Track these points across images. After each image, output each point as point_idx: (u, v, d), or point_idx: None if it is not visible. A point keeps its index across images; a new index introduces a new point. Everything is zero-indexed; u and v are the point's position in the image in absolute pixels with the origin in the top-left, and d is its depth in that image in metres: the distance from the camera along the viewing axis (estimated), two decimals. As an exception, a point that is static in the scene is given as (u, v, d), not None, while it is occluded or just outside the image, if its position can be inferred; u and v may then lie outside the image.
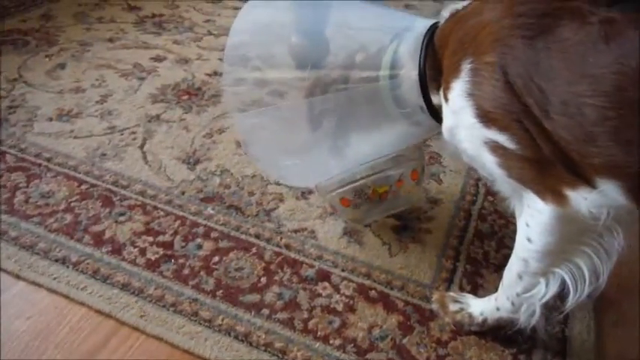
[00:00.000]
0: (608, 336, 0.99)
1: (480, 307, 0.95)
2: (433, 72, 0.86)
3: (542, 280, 0.82)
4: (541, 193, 0.74)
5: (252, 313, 0.97)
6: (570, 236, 0.77)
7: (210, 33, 2.01)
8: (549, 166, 0.72)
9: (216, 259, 1.08)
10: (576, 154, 0.70)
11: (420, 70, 0.86)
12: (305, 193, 1.27)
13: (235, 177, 1.30)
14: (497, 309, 0.91)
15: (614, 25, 0.67)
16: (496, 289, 1.01)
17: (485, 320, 0.94)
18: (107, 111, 1.50)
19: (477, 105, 0.76)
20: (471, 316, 0.95)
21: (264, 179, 1.30)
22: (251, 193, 1.26)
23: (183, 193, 1.24)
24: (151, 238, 1.11)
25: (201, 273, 1.04)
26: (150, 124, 1.47)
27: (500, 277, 1.05)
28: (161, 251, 1.08)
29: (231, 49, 1.15)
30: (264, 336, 0.93)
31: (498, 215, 1.24)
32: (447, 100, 0.82)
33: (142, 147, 1.38)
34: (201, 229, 1.15)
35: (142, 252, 1.08)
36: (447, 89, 0.82)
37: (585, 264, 0.78)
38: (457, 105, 0.79)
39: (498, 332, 0.95)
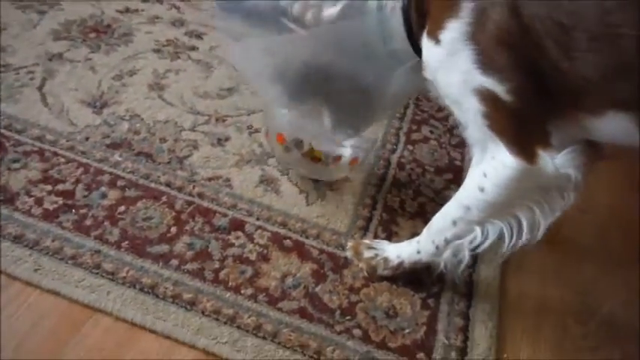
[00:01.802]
0: (511, 279, 1.03)
1: (397, 251, 0.95)
2: (418, 7, 0.81)
3: (478, 229, 0.83)
4: (513, 147, 0.74)
5: (160, 264, 0.93)
6: (525, 192, 0.78)
7: (123, -35, 1.83)
8: (531, 122, 0.72)
9: (122, 208, 1.01)
10: (595, 91, 0.68)
11: (404, 1, 0.81)
12: (221, 140, 1.21)
13: (146, 122, 1.22)
14: (418, 252, 0.92)
15: None
16: (411, 237, 1.03)
17: (401, 263, 0.94)
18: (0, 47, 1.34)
19: (480, 50, 0.71)
20: (386, 260, 0.95)
21: (177, 125, 1.23)
22: (163, 140, 1.18)
23: (87, 138, 1.15)
24: (49, 187, 1.02)
25: (105, 223, 0.98)
26: (51, 63, 1.33)
27: (414, 225, 1.08)
28: (60, 201, 1.00)
29: None
30: (171, 287, 0.89)
31: (417, 164, 1.24)
32: (436, 40, 0.76)
33: (40, 88, 1.25)
34: (106, 177, 1.07)
35: (39, 202, 0.99)
36: (438, 29, 0.75)
37: (526, 218, 0.80)
38: (451, 47, 0.74)
39: (410, 277, 0.97)
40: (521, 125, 0.74)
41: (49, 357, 0.78)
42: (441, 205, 1.12)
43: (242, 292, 0.91)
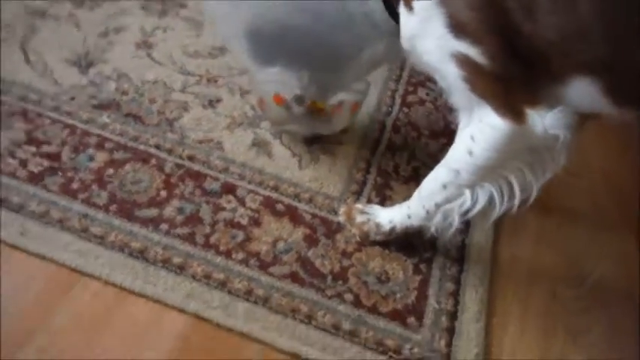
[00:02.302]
0: (504, 244, 1.03)
1: (389, 216, 0.95)
2: None
3: (468, 193, 0.82)
4: (500, 109, 0.72)
5: (150, 228, 0.91)
6: (514, 154, 0.77)
7: None
8: (514, 82, 0.71)
9: (111, 171, 0.99)
10: (558, 54, 0.67)
11: None
12: (213, 102, 1.17)
13: (134, 83, 1.18)
14: (409, 216, 0.91)
15: None
16: (404, 201, 1.02)
17: (393, 228, 0.94)
18: (-22, 1, 1.29)
19: (449, 14, 0.70)
20: (378, 225, 0.95)
21: (167, 85, 1.19)
22: (152, 101, 1.15)
23: (73, 99, 1.11)
24: (33, 149, 0.99)
25: (93, 187, 0.96)
26: (32, 18, 1.28)
27: (408, 189, 1.06)
28: (46, 163, 0.98)
29: None
30: (161, 251, 0.88)
31: (412, 127, 1.22)
32: (409, 8, 0.76)
33: (22, 45, 1.20)
34: (93, 139, 1.04)
35: (23, 163, 0.97)
36: None
37: (517, 180, 0.79)
38: (424, 14, 0.73)
39: (402, 242, 0.96)
40: (505, 86, 0.73)
41: (36, 321, 0.78)
42: (435, 169, 1.12)
43: (233, 256, 0.90)
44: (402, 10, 0.79)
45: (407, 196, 1.03)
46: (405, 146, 1.17)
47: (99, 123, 1.07)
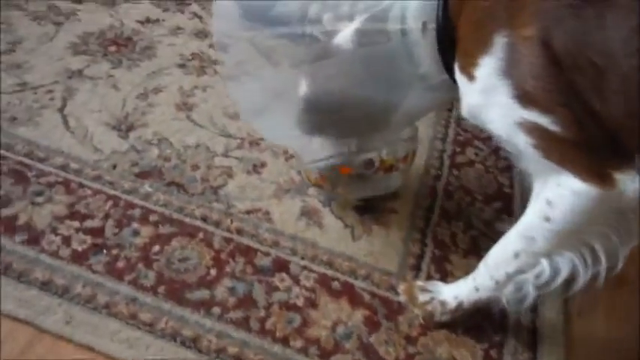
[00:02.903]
0: (576, 322, 0.96)
1: (454, 292, 0.88)
2: (447, 32, 0.76)
3: (545, 262, 0.76)
4: (583, 174, 0.67)
5: (201, 312, 0.85)
6: (599, 218, 0.71)
7: (140, -30, 1.74)
8: (594, 147, 0.66)
9: (157, 248, 0.93)
10: (626, 135, 0.63)
11: (439, 25, 0.76)
12: (257, 167, 1.13)
13: (176, 147, 1.14)
14: (477, 289, 0.85)
15: None
16: (466, 276, 0.96)
17: (460, 305, 0.87)
18: (16, 64, 1.26)
19: (515, 84, 0.66)
20: (443, 303, 0.88)
21: (209, 150, 1.15)
22: (195, 167, 1.10)
23: (114, 166, 1.07)
24: (76, 224, 0.94)
25: (140, 266, 0.90)
26: (70, 80, 1.25)
27: (469, 264, 1.00)
28: (89, 240, 0.92)
29: None
30: (215, 340, 0.82)
31: (464, 191, 1.17)
32: (470, 77, 0.72)
33: (61, 109, 1.17)
34: (137, 212, 0.99)
35: (66, 241, 0.91)
36: (470, 65, 0.71)
37: (602, 246, 0.73)
38: (487, 84, 0.69)
39: (470, 323, 0.89)
40: (586, 151, 0.67)
41: None
42: (494, 239, 1.06)
43: (291, 344, 0.83)
44: (459, 77, 0.75)
45: (469, 271, 0.97)
46: (460, 213, 1.11)
47: (141, 193, 1.02)
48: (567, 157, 0.68)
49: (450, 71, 0.79)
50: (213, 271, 0.91)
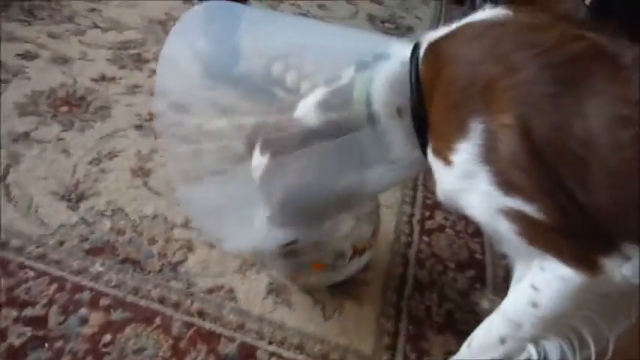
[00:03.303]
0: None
1: None
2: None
3: (532, 347, 0.72)
4: (569, 261, 0.64)
5: (158, 416, 0.76)
6: (585, 303, 0.67)
7: (95, 26, 1.68)
8: (579, 234, 0.63)
9: (108, 337, 0.84)
10: (611, 224, 0.61)
11: (415, 111, 0.73)
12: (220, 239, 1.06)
13: (131, 218, 1.06)
14: None
15: None
16: (444, 355, 0.91)
17: None
18: (-46, 127, 1.16)
19: (496, 171, 0.63)
20: None
21: (168, 220, 1.07)
22: (152, 241, 1.02)
23: (61, 243, 0.97)
24: (14, 313, 0.84)
25: (87, 361, 0.80)
26: (15, 145, 1.16)
27: (445, 340, 0.96)
28: (29, 331, 0.82)
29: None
30: None
31: (436, 259, 1.13)
32: (446, 161, 0.68)
33: (3, 177, 1.07)
34: (86, 295, 0.90)
35: (1, 334, 0.81)
36: (446, 149, 0.68)
37: (589, 330, 0.69)
38: (466, 170, 0.66)
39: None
40: (571, 238, 0.65)
41: None
42: (469, 312, 1.02)
43: None
44: (433, 160, 0.72)
45: (446, 350, 0.93)
46: (433, 284, 1.07)
47: (92, 273, 0.93)
48: (552, 243, 0.65)
49: (424, 151, 0.76)
50: (171, 364, 0.83)
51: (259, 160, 0.83)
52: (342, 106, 0.78)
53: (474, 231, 1.21)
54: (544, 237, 0.65)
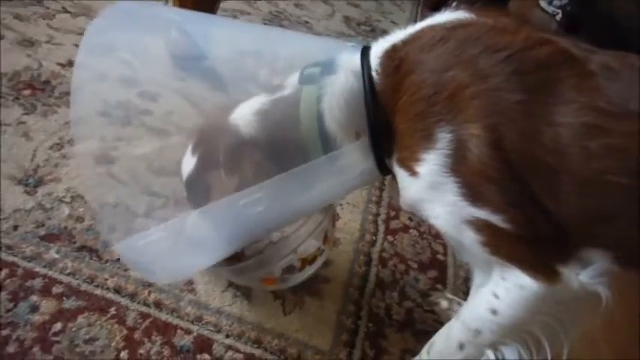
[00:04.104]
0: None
1: None
2: (381, 130, 0.71)
3: (491, 352, 0.72)
4: (530, 269, 0.65)
5: (107, 406, 0.74)
6: (544, 310, 0.68)
7: (65, 10, 1.64)
8: (541, 242, 0.64)
9: (59, 326, 0.82)
10: (580, 232, 0.62)
11: (372, 128, 0.71)
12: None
13: (91, 206, 1.03)
14: None
15: (615, 73, 0.59)
16: (401, 353, 0.91)
17: None
18: None
19: (463, 182, 0.63)
20: None
21: (129, 209, 1.05)
22: (112, 229, 1.00)
23: (15, 227, 0.94)
24: (-40, 297, 0.81)
25: (35, 349, 0.78)
26: (-27, 126, 1.12)
27: (404, 339, 0.96)
28: (-25, 317, 0.79)
29: (93, 33, 0.89)
30: None
31: (399, 259, 1.13)
32: (411, 172, 0.67)
33: (-43, 159, 1.04)
34: (38, 282, 0.87)
35: (-55, 319, 0.78)
36: (412, 160, 0.67)
37: (545, 335, 0.70)
38: (432, 180, 0.65)
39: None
40: (533, 246, 0.66)
41: None
42: (429, 311, 1.03)
43: None
44: (397, 170, 0.72)
45: (403, 348, 0.93)
46: (395, 283, 1.08)
47: (46, 259, 0.91)
48: (514, 253, 0.66)
49: (381, 165, 0.75)
50: (124, 354, 0.81)
51: (189, 160, 0.81)
52: (286, 120, 0.76)
53: (438, 232, 1.22)
54: (507, 247, 0.66)
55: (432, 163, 0.65)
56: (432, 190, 0.67)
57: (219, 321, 0.90)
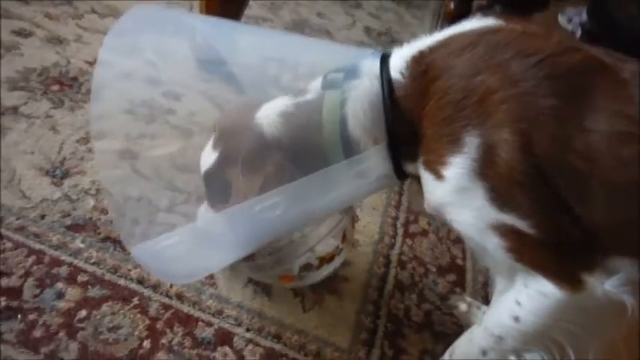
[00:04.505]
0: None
1: None
2: (403, 135, 0.71)
3: (513, 359, 0.72)
4: (553, 278, 0.64)
5: (129, 393, 0.75)
6: (568, 317, 0.68)
7: (94, 11, 1.67)
8: (567, 249, 0.63)
9: (83, 313, 0.83)
10: (608, 239, 0.61)
11: (391, 140, 0.72)
12: (204, 226, 1.05)
13: (115, 199, 1.04)
14: None
15: None
16: (420, 354, 0.91)
17: None
18: (-59, 95, 1.14)
19: (491, 187, 0.63)
20: None
21: (152, 203, 1.06)
22: (135, 222, 1.01)
23: (42, 217, 0.96)
24: (-11, 282, 0.82)
25: (61, 335, 0.79)
26: (3, 118, 1.14)
27: (422, 340, 0.96)
28: (3, 301, 0.80)
29: (117, 33, 0.90)
30: None
31: (418, 262, 1.13)
32: (437, 175, 0.67)
33: (-12, 149, 1.06)
34: (64, 270, 0.88)
35: (-26, 302, 0.79)
36: (438, 163, 0.67)
37: (570, 343, 0.69)
38: (459, 185, 0.65)
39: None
40: (558, 254, 0.65)
41: None
42: (448, 314, 1.03)
43: None
44: (423, 173, 0.71)
45: (422, 348, 0.93)
46: (413, 285, 1.08)
47: (71, 249, 0.92)
48: (540, 261, 0.65)
49: (398, 170, 0.75)
50: (146, 343, 0.81)
51: (209, 154, 0.82)
52: (309, 123, 0.76)
53: (457, 237, 1.22)
54: (532, 253, 0.65)
55: (458, 167, 0.65)
56: (457, 194, 0.67)
57: (239, 315, 0.90)
